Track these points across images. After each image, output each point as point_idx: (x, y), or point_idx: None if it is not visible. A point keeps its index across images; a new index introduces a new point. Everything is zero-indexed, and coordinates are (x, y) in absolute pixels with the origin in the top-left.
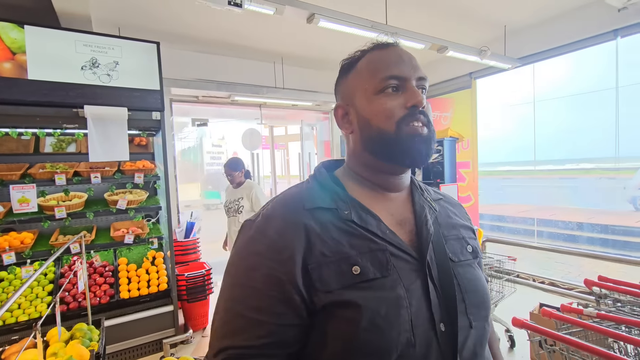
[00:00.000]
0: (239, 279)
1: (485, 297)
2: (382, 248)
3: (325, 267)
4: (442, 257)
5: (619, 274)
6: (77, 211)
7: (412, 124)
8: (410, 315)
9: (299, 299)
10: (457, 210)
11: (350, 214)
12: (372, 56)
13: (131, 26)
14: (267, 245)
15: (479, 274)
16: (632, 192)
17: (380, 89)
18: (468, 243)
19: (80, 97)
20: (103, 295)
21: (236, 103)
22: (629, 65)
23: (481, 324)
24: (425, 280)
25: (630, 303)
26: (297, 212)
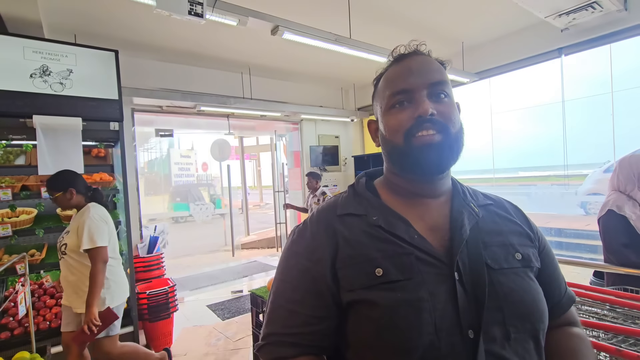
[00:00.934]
0: (282, 275)
1: (534, 309)
2: (408, 252)
3: (350, 268)
4: (478, 263)
5: (572, 275)
6: (25, 228)
7: (420, 134)
8: (434, 318)
9: (329, 294)
10: (513, 214)
11: (378, 219)
12: (387, 74)
13: (89, 34)
14: (304, 246)
15: (530, 284)
16: (581, 198)
17: (391, 105)
18: (517, 250)
19: (28, 107)
20: (54, 318)
21: (203, 113)
22: (573, 80)
23: (524, 337)
24: (453, 285)
25: (578, 303)
26: (330, 218)
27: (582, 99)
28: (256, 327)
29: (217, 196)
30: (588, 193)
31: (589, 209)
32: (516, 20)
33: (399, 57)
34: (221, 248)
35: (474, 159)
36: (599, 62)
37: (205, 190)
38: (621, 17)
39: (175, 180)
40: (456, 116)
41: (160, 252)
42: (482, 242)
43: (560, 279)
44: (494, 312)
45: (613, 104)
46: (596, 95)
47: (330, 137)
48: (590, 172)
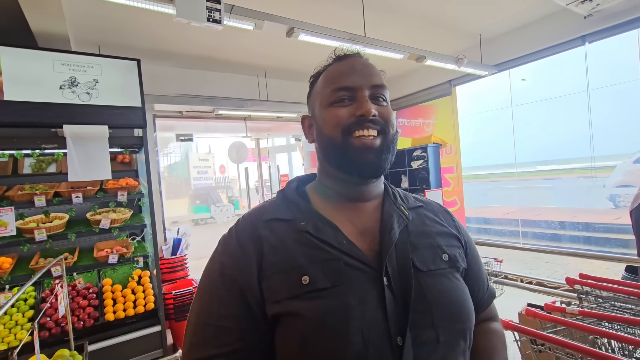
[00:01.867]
0: (206, 289)
1: (461, 309)
2: (336, 258)
3: (275, 277)
4: (406, 266)
5: (602, 271)
6: (58, 233)
7: (359, 133)
8: (362, 326)
9: (256, 306)
10: (441, 217)
11: (306, 225)
12: (329, 70)
13: (112, 44)
14: (229, 255)
15: (456, 285)
16: (610, 190)
17: (333, 101)
18: (444, 252)
19: (58, 117)
20: (87, 318)
21: (221, 117)
22: (599, 69)
23: (453, 338)
24: (382, 290)
25: (611, 299)
26: (256, 223)
27: (608, 88)
28: None
29: (235, 198)
30: (617, 185)
31: (619, 202)
32: (535, 10)
33: (342, 57)
34: None
35: (493, 153)
36: (625, 48)
37: (223, 192)
38: None
39: (195, 183)
40: (393, 120)
41: (184, 253)
42: (410, 244)
43: (484, 277)
44: (423, 315)
45: None
46: (623, 82)
47: None
48: (619, 164)
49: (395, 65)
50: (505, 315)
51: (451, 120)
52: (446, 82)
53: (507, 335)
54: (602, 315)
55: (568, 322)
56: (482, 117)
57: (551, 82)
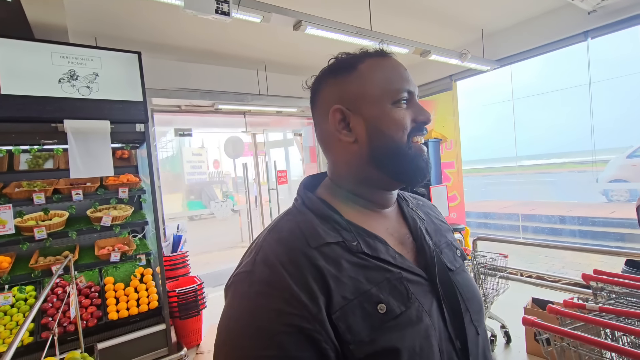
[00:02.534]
0: (254, 350)
1: (480, 301)
2: (398, 276)
3: (350, 314)
4: (443, 272)
5: (598, 264)
6: (58, 231)
7: (417, 139)
8: (438, 341)
9: (334, 356)
10: (434, 212)
11: (358, 244)
12: (381, 62)
13: (108, 36)
14: (283, 297)
15: (470, 277)
16: (603, 185)
17: (397, 100)
18: (457, 247)
19: (58, 111)
20: (90, 317)
21: (220, 111)
22: (600, 63)
23: (483, 328)
24: (439, 299)
25: (625, 294)
26: (305, 253)
27: (610, 81)
28: None
29: (229, 193)
30: (610, 180)
31: (612, 196)
32: (538, 5)
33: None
34: (238, 244)
35: (493, 147)
36: (625, 44)
37: (218, 187)
38: None
39: (188, 178)
40: None
41: (184, 250)
42: (436, 246)
43: None
44: (464, 314)
45: None
46: (624, 76)
47: None
48: (613, 158)
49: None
50: (510, 309)
51: (451, 116)
52: (447, 77)
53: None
54: (620, 311)
55: (591, 319)
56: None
57: (552, 75)
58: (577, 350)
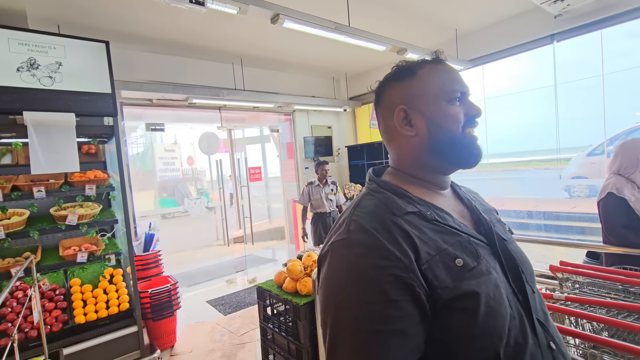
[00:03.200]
0: (362, 296)
1: (531, 267)
2: (467, 239)
3: (435, 266)
4: (500, 240)
5: (561, 256)
6: (17, 230)
7: (471, 130)
8: (505, 292)
9: (425, 299)
10: (479, 198)
11: (432, 214)
12: (437, 68)
13: (72, 24)
14: (382, 254)
15: (520, 248)
16: (566, 181)
17: (451, 99)
18: (504, 223)
19: (17, 102)
20: (54, 322)
21: (194, 106)
22: (565, 65)
23: (537, 289)
24: (501, 261)
25: (588, 284)
26: (392, 220)
27: (573, 82)
28: (264, 321)
29: (204, 190)
30: (572, 177)
31: (573, 192)
32: (508, 7)
33: (438, 59)
34: (214, 242)
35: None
36: (590, 47)
37: (192, 184)
38: (612, 3)
39: (160, 175)
40: None
41: (157, 249)
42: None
43: None
44: (520, 275)
45: (604, 88)
46: (587, 78)
47: (323, 127)
48: (574, 156)
49: (373, 58)
50: None
51: None
52: None
53: None
54: (586, 300)
55: (561, 308)
56: None
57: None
58: None
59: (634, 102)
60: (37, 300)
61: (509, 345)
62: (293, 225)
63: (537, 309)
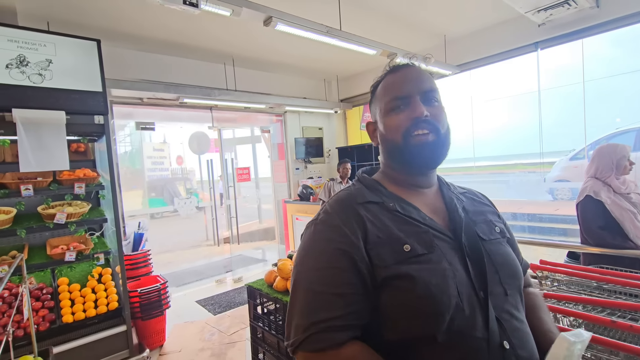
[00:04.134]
0: (314, 264)
1: (516, 269)
2: (425, 230)
3: (380, 247)
4: (473, 237)
5: (544, 256)
6: (4, 229)
7: (416, 133)
8: (456, 283)
9: (367, 272)
10: (482, 199)
11: (394, 205)
12: (386, 81)
13: (62, 21)
14: (335, 231)
15: (509, 250)
16: (549, 184)
17: (390, 109)
18: (495, 225)
19: (6, 99)
20: (41, 321)
21: (185, 105)
22: (548, 72)
23: (514, 292)
24: (463, 256)
25: (566, 282)
26: (353, 205)
27: (556, 89)
28: (254, 320)
29: (193, 190)
30: (556, 180)
31: (557, 195)
32: (495, 15)
33: (395, 68)
34: (203, 243)
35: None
36: (572, 54)
37: (181, 184)
38: (593, 13)
39: (149, 174)
40: (445, 118)
41: (146, 249)
42: (471, 220)
43: (519, 250)
44: (493, 274)
45: (584, 94)
46: (569, 84)
47: (314, 129)
48: (557, 160)
49: (364, 61)
50: None
51: None
52: None
53: None
54: (562, 296)
55: None
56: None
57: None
58: None
59: (614, 109)
60: (28, 299)
61: (450, 330)
62: (283, 226)
63: (501, 308)
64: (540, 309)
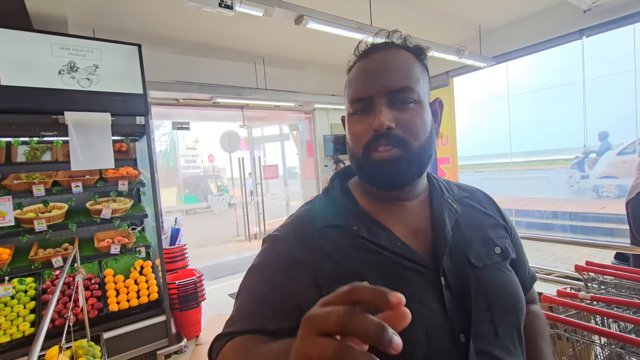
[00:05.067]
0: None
1: (516, 302)
2: (393, 261)
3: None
4: (461, 264)
5: (588, 258)
6: (57, 223)
7: (377, 149)
8: (426, 329)
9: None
10: (486, 206)
11: (359, 229)
12: (352, 72)
13: (106, 28)
14: (279, 261)
15: (510, 277)
16: (594, 181)
17: (352, 112)
18: (496, 244)
19: (59, 103)
20: (91, 309)
21: (218, 105)
22: (594, 60)
23: (509, 332)
24: (440, 291)
25: (615, 285)
26: (309, 232)
27: (602, 78)
28: None
29: (224, 187)
30: (601, 176)
31: (602, 192)
32: (534, 3)
33: (365, 52)
34: (234, 238)
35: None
36: (622, 41)
37: (213, 181)
38: None
39: (183, 172)
40: (421, 125)
41: (183, 243)
42: (463, 239)
43: (526, 261)
44: (482, 312)
45: (636, 83)
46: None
47: None
48: (604, 155)
49: None
50: None
51: (448, 111)
52: (443, 73)
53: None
54: (611, 300)
55: (586, 307)
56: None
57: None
58: (569, 338)
59: None
60: (81, 288)
61: None
62: None
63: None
64: (539, 336)
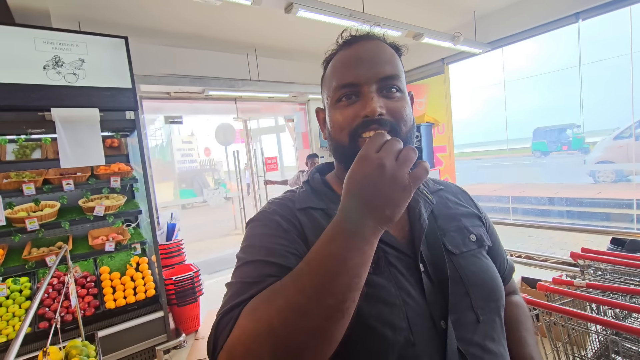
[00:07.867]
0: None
1: (494, 288)
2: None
3: None
4: (438, 251)
5: (584, 243)
6: (50, 221)
7: (366, 135)
8: (405, 313)
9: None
10: (460, 198)
11: None
12: (336, 58)
13: (92, 20)
14: (271, 228)
15: (487, 264)
16: (591, 166)
17: (337, 99)
18: (471, 232)
19: (45, 99)
20: (87, 307)
21: (210, 98)
22: (592, 44)
23: (491, 317)
24: (419, 277)
25: (611, 271)
26: (291, 211)
27: (598, 63)
28: None
29: (221, 180)
30: (597, 161)
31: (598, 177)
32: None
33: (350, 40)
34: (232, 232)
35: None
36: (617, 24)
37: (209, 175)
38: None
39: (179, 166)
40: (408, 113)
41: (179, 238)
42: (439, 228)
43: (503, 252)
44: (462, 297)
45: (632, 67)
46: (614, 57)
47: None
48: (600, 140)
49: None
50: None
51: (443, 99)
52: (439, 60)
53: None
54: (607, 287)
55: (580, 294)
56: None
57: (541, 58)
58: (565, 325)
59: None
60: (73, 286)
61: None
62: None
63: (469, 340)
64: (521, 325)
